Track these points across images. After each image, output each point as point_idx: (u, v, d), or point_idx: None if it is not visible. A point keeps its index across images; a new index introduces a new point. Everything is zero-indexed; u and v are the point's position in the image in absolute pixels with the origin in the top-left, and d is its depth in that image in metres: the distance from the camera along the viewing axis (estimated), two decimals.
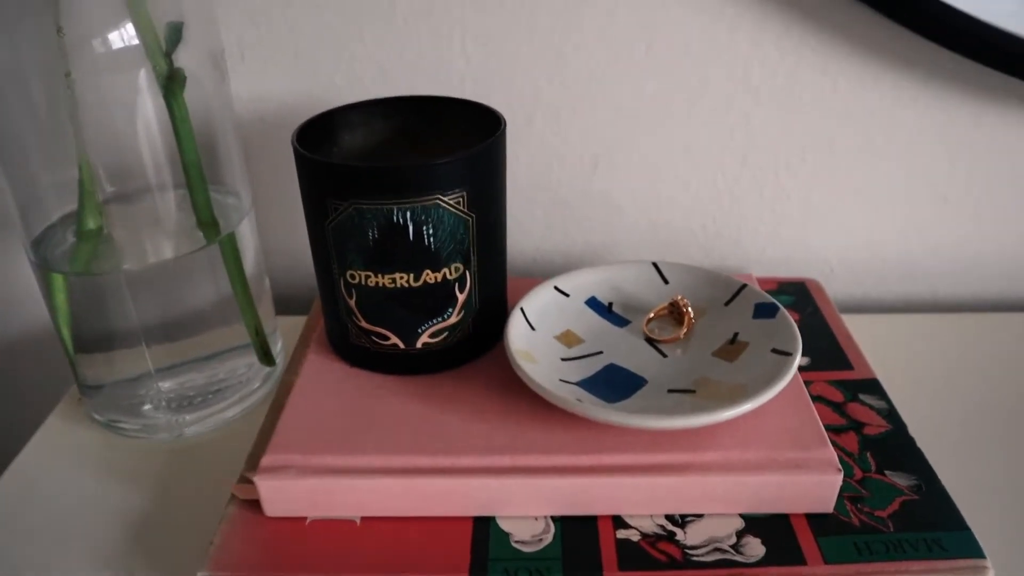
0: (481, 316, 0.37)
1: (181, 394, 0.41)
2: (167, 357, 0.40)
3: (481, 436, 0.34)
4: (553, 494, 0.32)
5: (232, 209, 0.41)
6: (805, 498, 0.32)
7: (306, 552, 0.32)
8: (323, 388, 0.37)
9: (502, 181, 0.36)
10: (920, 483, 0.34)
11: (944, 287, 0.51)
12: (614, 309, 0.40)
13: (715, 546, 0.32)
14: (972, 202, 0.48)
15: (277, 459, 0.33)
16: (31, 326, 0.54)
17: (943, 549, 0.31)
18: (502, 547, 0.32)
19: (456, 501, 0.33)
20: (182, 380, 0.41)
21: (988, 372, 0.44)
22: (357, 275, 0.35)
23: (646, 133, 0.47)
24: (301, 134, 0.36)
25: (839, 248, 0.50)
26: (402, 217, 0.33)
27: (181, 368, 0.41)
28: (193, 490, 0.38)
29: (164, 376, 0.41)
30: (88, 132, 0.35)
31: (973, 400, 0.42)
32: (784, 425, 0.34)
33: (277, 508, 0.33)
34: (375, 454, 0.33)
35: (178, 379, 0.41)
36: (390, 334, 0.36)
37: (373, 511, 0.33)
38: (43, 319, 0.53)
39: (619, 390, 0.35)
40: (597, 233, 0.50)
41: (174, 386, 0.41)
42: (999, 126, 0.46)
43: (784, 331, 0.36)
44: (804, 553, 0.31)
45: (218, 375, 0.42)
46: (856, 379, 0.40)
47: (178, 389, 0.41)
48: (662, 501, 0.33)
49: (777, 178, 0.48)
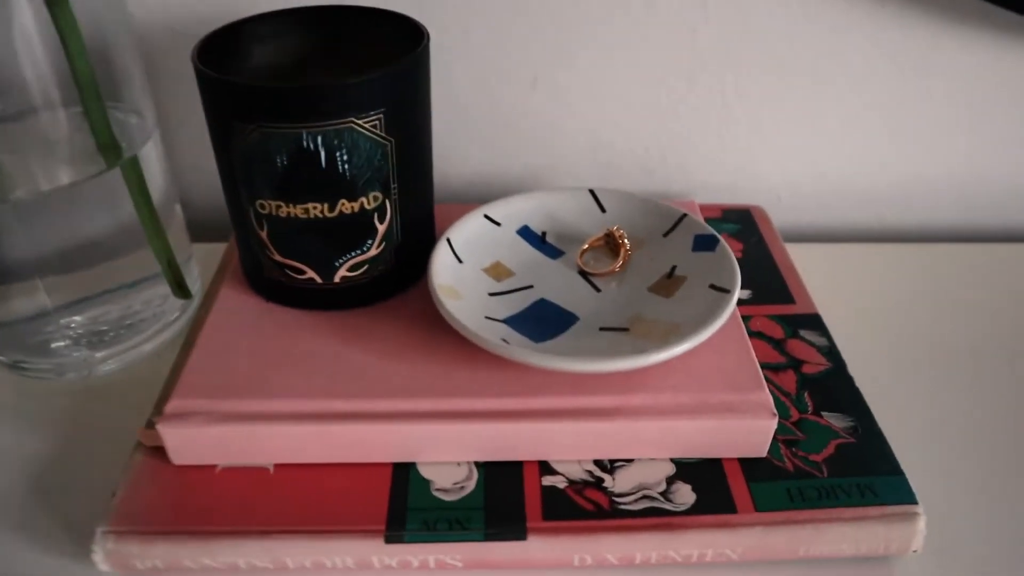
0: (404, 248, 0.35)
1: (92, 329, 0.39)
2: (71, 292, 0.37)
3: (401, 378, 0.32)
4: (476, 440, 0.31)
5: (135, 129, 0.37)
6: (738, 443, 0.31)
7: (215, 503, 0.30)
8: (236, 325, 0.35)
9: (425, 101, 0.34)
10: (856, 425, 0.33)
11: (893, 216, 0.50)
12: (548, 239, 0.38)
13: (644, 493, 0.30)
14: (927, 129, 0.46)
15: (182, 404, 0.31)
16: None
17: (875, 495, 0.30)
18: (422, 496, 0.30)
19: (374, 448, 0.31)
20: (93, 314, 0.39)
21: (933, 305, 0.42)
22: (267, 205, 0.32)
23: (587, 49, 0.44)
24: (204, 48, 0.33)
25: (787, 175, 0.48)
26: (312, 142, 0.30)
27: (91, 302, 0.38)
28: (102, 434, 0.36)
29: (71, 311, 0.38)
30: None
31: (916, 335, 0.41)
32: (719, 366, 0.32)
33: (184, 456, 0.31)
34: (287, 398, 0.31)
35: (88, 313, 0.38)
36: (306, 268, 0.34)
37: (286, 458, 0.31)
38: None
39: (549, 328, 0.33)
40: (537, 155, 0.47)
41: (85, 321, 0.39)
42: (957, 50, 0.44)
43: (723, 266, 0.34)
44: (735, 500, 0.30)
45: (132, 307, 0.40)
46: (797, 314, 0.39)
47: (89, 324, 0.39)
48: (590, 446, 0.31)
49: (725, 100, 0.45)
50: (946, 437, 0.35)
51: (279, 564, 0.29)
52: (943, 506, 0.32)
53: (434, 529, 0.29)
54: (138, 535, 0.29)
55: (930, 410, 0.37)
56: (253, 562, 0.29)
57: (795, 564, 0.30)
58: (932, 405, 0.37)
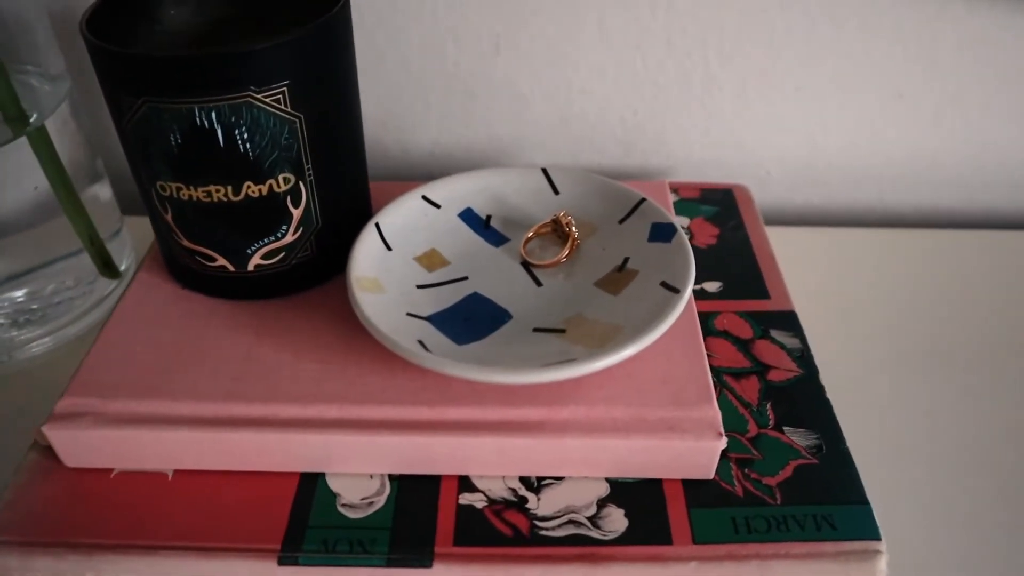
0: (327, 234, 0.32)
1: (21, 307, 0.36)
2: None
3: (312, 379, 0.29)
4: (389, 452, 0.28)
5: (44, 96, 0.34)
6: (681, 464, 0.28)
7: (106, 512, 0.28)
8: (147, 314, 0.32)
9: (345, 72, 0.30)
10: (821, 443, 0.29)
11: (893, 196, 0.45)
12: (492, 224, 0.34)
13: (570, 518, 0.27)
14: (931, 101, 0.42)
15: (73, 403, 0.29)
16: None
17: (832, 527, 0.27)
18: (325, 512, 0.28)
19: (278, 456, 0.28)
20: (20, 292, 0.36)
21: (928, 302, 0.38)
22: (168, 187, 0.29)
23: (555, 9, 0.40)
24: (102, 8, 0.29)
25: (776, 150, 0.44)
26: (206, 119, 0.27)
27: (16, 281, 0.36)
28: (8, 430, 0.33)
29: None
30: None
31: (904, 338, 0.37)
32: (664, 375, 0.29)
33: (76, 459, 0.29)
34: (186, 400, 0.28)
35: (14, 291, 0.36)
36: (215, 255, 0.31)
37: (185, 464, 0.29)
38: None
39: (477, 327, 0.30)
40: (502, 125, 0.44)
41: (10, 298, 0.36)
42: (966, 16, 0.39)
43: (678, 260, 0.30)
44: (672, 529, 0.27)
45: (65, 283, 0.37)
46: (771, 311, 0.35)
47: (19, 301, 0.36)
48: (514, 462, 0.28)
49: (708, 66, 0.41)
50: (925, 460, 0.32)
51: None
52: (912, 542, 0.29)
53: (333, 551, 0.26)
54: (18, 546, 0.27)
55: (910, 426, 0.33)
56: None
57: None
58: (913, 421, 0.33)
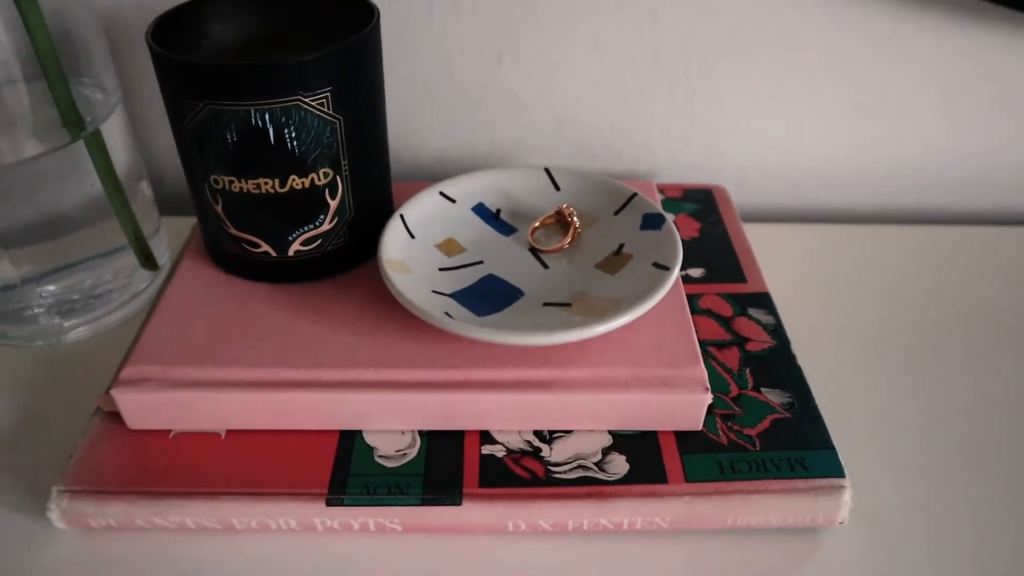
0: (357, 223, 0.36)
1: (64, 298, 0.40)
2: (41, 262, 0.39)
3: (349, 348, 0.33)
4: (419, 409, 0.32)
5: (98, 104, 0.38)
6: (673, 416, 0.32)
7: (168, 466, 0.31)
8: (194, 296, 0.36)
9: (376, 80, 0.34)
10: (794, 401, 0.34)
11: (857, 196, 0.50)
12: (502, 216, 0.38)
13: (579, 463, 0.31)
14: (890, 109, 0.47)
15: (137, 371, 0.32)
16: None
17: (804, 468, 0.31)
18: (365, 462, 0.31)
19: (320, 415, 0.32)
20: (66, 284, 0.40)
21: (886, 287, 0.43)
22: (220, 180, 0.33)
23: (552, 27, 0.44)
24: (162, 26, 0.33)
25: (752, 155, 0.49)
26: (260, 119, 0.31)
27: (62, 272, 0.39)
28: (65, 400, 0.37)
29: (42, 281, 0.39)
30: None
31: (864, 317, 0.41)
32: (658, 342, 0.33)
33: (139, 421, 0.33)
34: (238, 367, 0.32)
35: (61, 283, 0.40)
36: (260, 241, 0.35)
37: (237, 424, 0.33)
38: None
39: (494, 302, 0.34)
40: (503, 132, 0.48)
41: (57, 290, 0.40)
42: (917, 32, 0.44)
43: (667, 244, 0.35)
44: (667, 471, 0.31)
45: (103, 278, 0.41)
46: (748, 292, 0.39)
47: (62, 293, 0.40)
48: (529, 417, 0.32)
49: (688, 79, 0.46)
50: (882, 416, 0.36)
51: (226, 524, 0.31)
52: (873, 481, 0.33)
53: (374, 493, 0.30)
54: (92, 494, 0.31)
55: (869, 389, 0.37)
56: (201, 522, 0.31)
57: (723, 534, 0.31)
58: (872, 385, 0.38)
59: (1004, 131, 0.47)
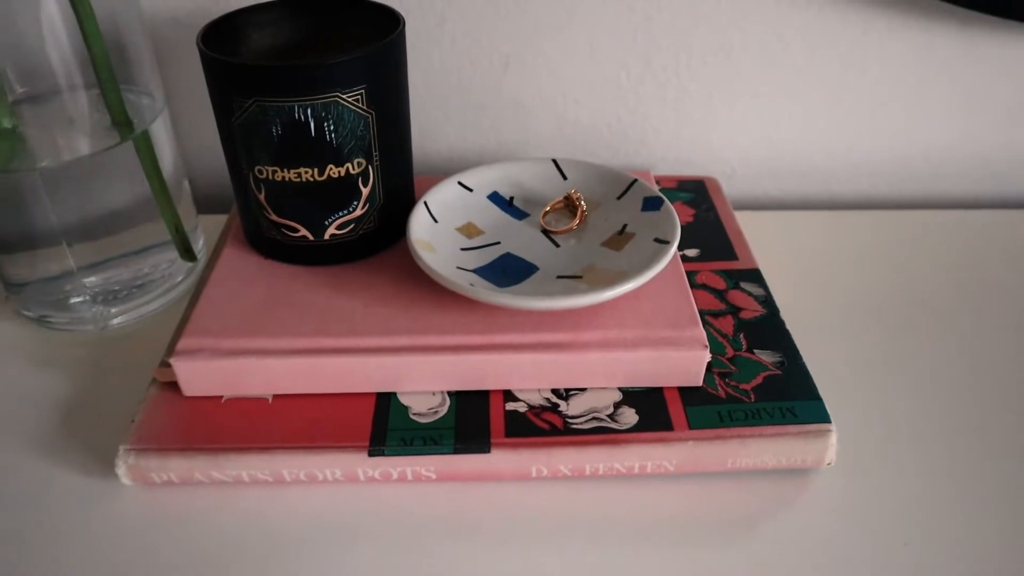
0: (386, 209, 0.39)
1: (106, 288, 0.43)
2: (90, 254, 0.42)
3: (382, 319, 0.36)
4: (448, 371, 0.35)
5: (146, 108, 0.42)
6: (676, 373, 0.36)
7: (222, 427, 0.35)
8: (238, 278, 0.39)
9: (403, 79, 0.38)
10: (784, 360, 0.38)
11: (838, 186, 0.54)
12: (515, 203, 0.42)
13: (593, 415, 0.35)
14: (864, 105, 0.51)
15: (192, 342, 0.36)
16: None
17: (794, 416, 0.35)
18: (401, 419, 0.35)
19: (359, 378, 0.36)
20: (107, 275, 0.43)
21: (864, 263, 0.47)
22: (264, 170, 0.37)
23: (554, 34, 0.48)
24: (207, 34, 0.37)
25: (739, 148, 0.53)
26: (303, 114, 0.35)
27: (105, 264, 0.43)
28: (118, 377, 0.40)
29: (88, 272, 0.42)
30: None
31: (845, 289, 0.45)
32: (660, 307, 0.37)
33: (194, 388, 0.36)
34: (284, 336, 0.36)
35: (103, 275, 0.43)
36: (299, 226, 0.38)
37: (283, 389, 0.36)
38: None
39: (512, 277, 0.38)
40: (508, 132, 0.52)
41: (99, 281, 0.43)
42: (887, 32, 0.48)
43: (666, 221, 0.38)
44: (672, 420, 0.35)
45: (142, 270, 0.44)
46: (739, 269, 0.43)
47: (103, 284, 0.43)
48: (547, 376, 0.36)
49: (679, 80, 0.50)
50: (863, 373, 0.40)
51: (277, 476, 0.34)
52: (856, 429, 0.37)
53: (411, 444, 0.34)
54: (155, 451, 0.34)
55: (851, 351, 0.41)
56: (255, 475, 0.34)
57: (724, 476, 0.35)
58: (854, 346, 0.41)
59: (965, 123, 0.52)
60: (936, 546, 0.32)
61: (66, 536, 0.33)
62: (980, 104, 0.51)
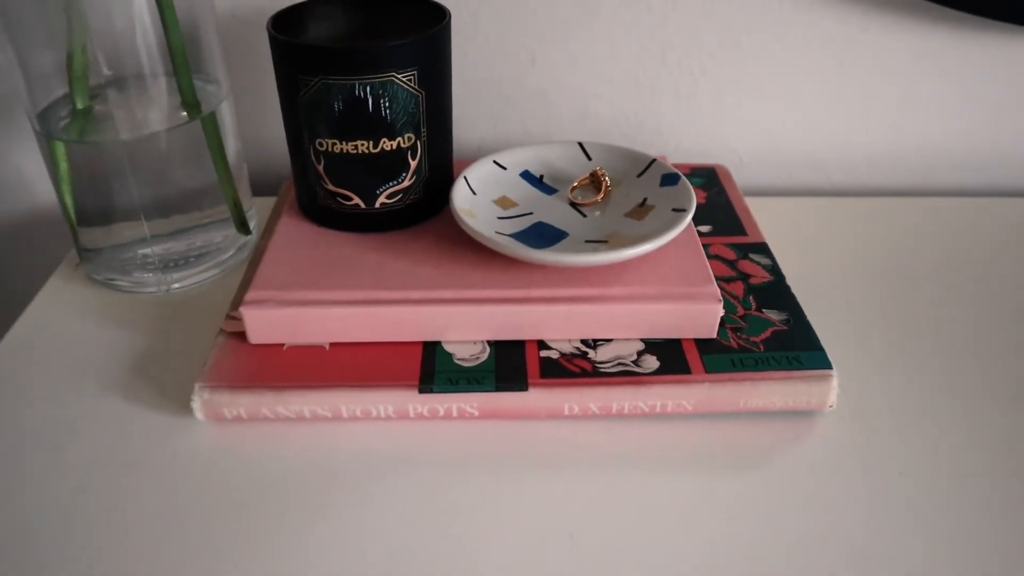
0: (430, 181, 0.44)
1: (167, 257, 0.47)
2: (161, 226, 0.46)
3: (429, 276, 0.40)
4: (487, 321, 0.39)
5: (212, 94, 0.46)
6: (693, 324, 0.40)
7: (285, 369, 0.39)
8: (296, 242, 0.43)
9: (448, 65, 0.43)
10: (790, 318, 0.42)
11: (838, 176, 0.59)
12: (545, 180, 0.47)
13: (619, 362, 0.39)
14: (860, 101, 0.56)
15: (259, 294, 0.40)
16: (38, 203, 0.60)
17: (800, 363, 0.39)
18: (446, 363, 0.39)
19: (408, 327, 0.40)
20: (168, 246, 0.47)
21: (864, 241, 0.51)
22: (325, 143, 0.41)
23: (578, 32, 0.53)
24: (275, 22, 0.42)
25: (746, 140, 0.57)
26: (363, 91, 0.39)
27: (170, 236, 0.47)
28: (182, 333, 0.44)
29: (156, 242, 0.47)
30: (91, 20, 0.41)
31: (844, 261, 0.49)
32: (678, 267, 0.41)
33: (259, 335, 0.40)
34: (340, 290, 0.40)
35: (166, 244, 0.47)
36: (353, 195, 0.43)
37: (339, 337, 0.40)
38: (49, 196, 0.59)
39: (545, 240, 0.42)
40: (535, 123, 0.56)
41: (161, 251, 0.47)
42: (881, 33, 0.53)
43: (683, 194, 0.43)
44: (690, 366, 0.39)
45: (196, 243, 0.48)
46: (748, 242, 0.47)
47: (164, 253, 0.47)
48: (577, 327, 0.40)
49: (692, 76, 0.54)
50: (864, 331, 0.44)
51: (336, 412, 0.38)
52: (857, 378, 0.41)
53: (456, 383, 0.38)
54: (227, 388, 0.38)
55: (852, 312, 0.45)
56: (316, 410, 0.38)
57: (737, 417, 0.39)
58: (853, 309, 0.46)
59: (956, 119, 0.56)
60: (928, 476, 0.36)
61: (145, 467, 0.37)
62: (970, 101, 0.55)
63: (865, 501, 0.35)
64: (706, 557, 0.33)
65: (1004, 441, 0.38)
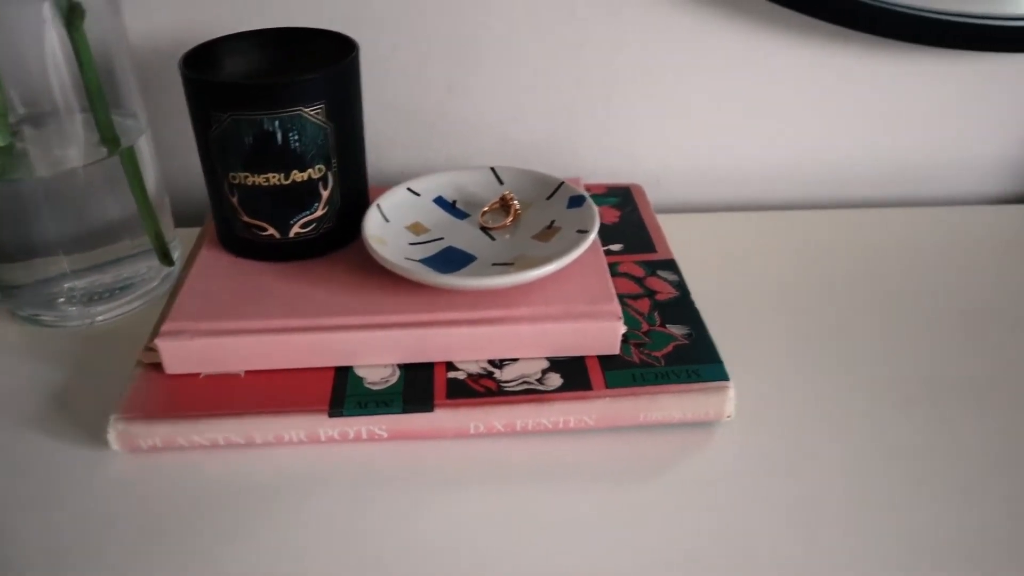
0: (343, 211, 0.45)
1: (91, 291, 0.48)
2: (81, 261, 0.47)
3: (341, 304, 0.42)
4: (396, 345, 0.41)
5: (131, 128, 0.47)
6: (595, 342, 0.41)
7: (200, 398, 0.40)
8: (213, 274, 0.45)
9: (357, 97, 0.44)
10: (692, 332, 0.43)
11: (746, 190, 0.61)
12: (457, 205, 0.48)
13: (523, 380, 0.40)
14: (772, 119, 0.58)
15: (175, 326, 0.41)
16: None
17: (698, 376, 0.40)
18: (357, 387, 0.40)
19: (319, 353, 0.41)
20: (92, 279, 0.48)
21: (769, 255, 0.53)
22: (237, 176, 0.42)
23: (493, 61, 0.55)
24: (186, 60, 0.43)
25: (662, 159, 0.59)
26: (271, 125, 0.41)
27: (92, 270, 0.48)
28: (104, 365, 0.45)
29: (78, 276, 0.48)
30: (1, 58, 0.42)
31: (748, 276, 0.51)
32: (581, 286, 0.43)
33: (175, 366, 0.41)
34: (254, 319, 0.41)
35: (89, 278, 0.48)
36: (267, 225, 0.44)
37: (254, 365, 0.41)
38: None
39: (453, 265, 0.43)
40: (457, 149, 0.58)
41: (85, 285, 0.48)
42: (793, 55, 0.55)
43: (587, 215, 0.44)
44: (592, 382, 0.40)
45: (123, 274, 0.49)
46: (657, 259, 0.49)
47: (89, 287, 0.48)
48: (483, 348, 0.41)
49: (608, 101, 0.56)
50: (763, 344, 0.46)
51: (249, 439, 0.39)
52: (755, 389, 0.43)
53: (365, 407, 0.39)
54: (142, 419, 0.39)
55: (753, 326, 0.47)
56: (230, 437, 0.39)
57: (638, 430, 0.41)
58: (755, 322, 0.47)
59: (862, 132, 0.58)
60: (822, 480, 0.38)
61: (63, 498, 0.38)
62: (880, 116, 0.58)
63: (762, 505, 0.37)
64: (611, 564, 0.34)
65: (897, 445, 0.40)
